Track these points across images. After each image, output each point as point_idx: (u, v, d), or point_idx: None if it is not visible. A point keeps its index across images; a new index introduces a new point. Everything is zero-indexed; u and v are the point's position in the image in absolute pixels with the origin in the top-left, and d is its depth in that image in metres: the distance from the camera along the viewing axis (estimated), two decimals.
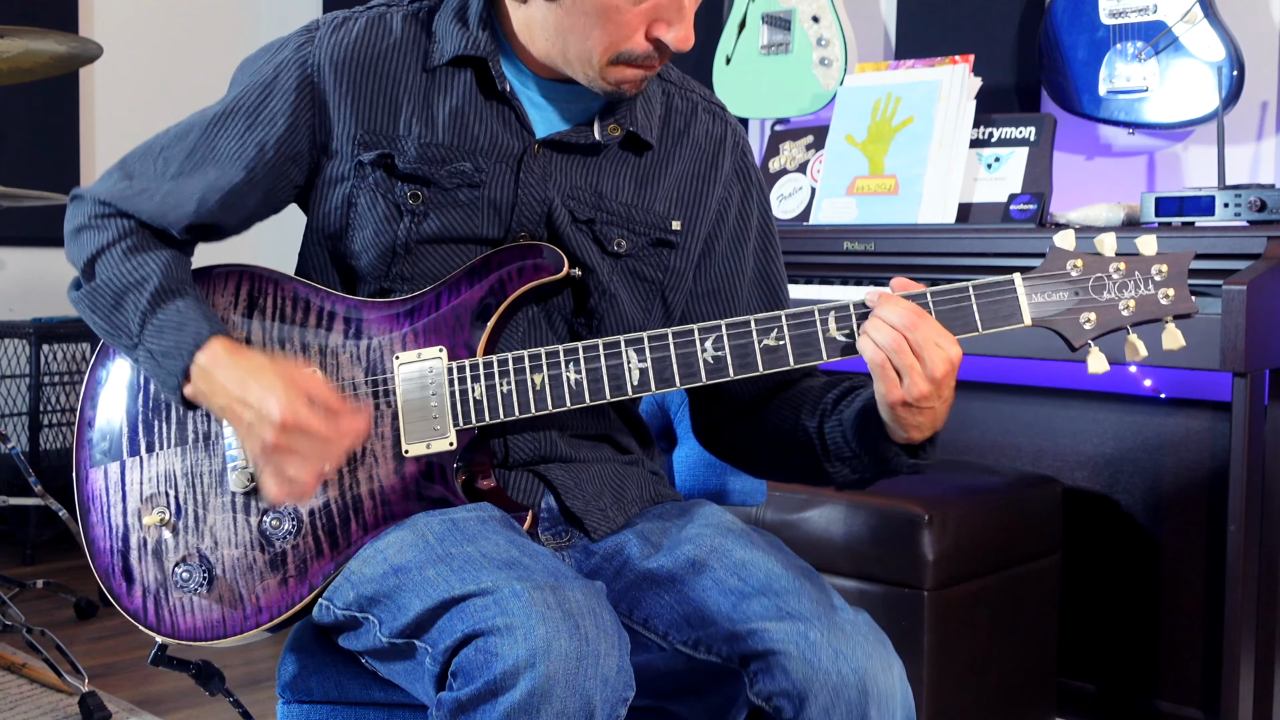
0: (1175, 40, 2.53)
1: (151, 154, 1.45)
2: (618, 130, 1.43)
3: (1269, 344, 2.12)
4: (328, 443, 1.29)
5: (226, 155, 1.42)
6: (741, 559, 1.33)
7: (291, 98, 1.40)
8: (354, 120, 1.40)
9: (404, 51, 1.42)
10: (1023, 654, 2.45)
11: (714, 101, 1.55)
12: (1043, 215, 2.51)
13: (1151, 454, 2.60)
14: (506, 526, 1.32)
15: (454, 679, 1.17)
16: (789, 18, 3.04)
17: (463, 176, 1.41)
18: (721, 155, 1.51)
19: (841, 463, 1.41)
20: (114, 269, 1.39)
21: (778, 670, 1.23)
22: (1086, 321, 1.30)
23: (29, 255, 4.22)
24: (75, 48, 2.94)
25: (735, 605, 1.28)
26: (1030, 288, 1.30)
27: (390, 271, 1.42)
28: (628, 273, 1.46)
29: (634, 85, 1.37)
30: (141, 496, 1.41)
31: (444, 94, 1.42)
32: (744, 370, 1.33)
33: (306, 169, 1.44)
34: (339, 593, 1.33)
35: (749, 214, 1.54)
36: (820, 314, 1.32)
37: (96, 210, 1.44)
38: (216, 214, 1.43)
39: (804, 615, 1.25)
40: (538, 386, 1.36)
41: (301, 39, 1.43)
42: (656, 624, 1.34)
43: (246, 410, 1.29)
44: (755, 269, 1.55)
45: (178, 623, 1.39)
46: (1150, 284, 1.30)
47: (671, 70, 1.54)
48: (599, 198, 1.44)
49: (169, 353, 1.34)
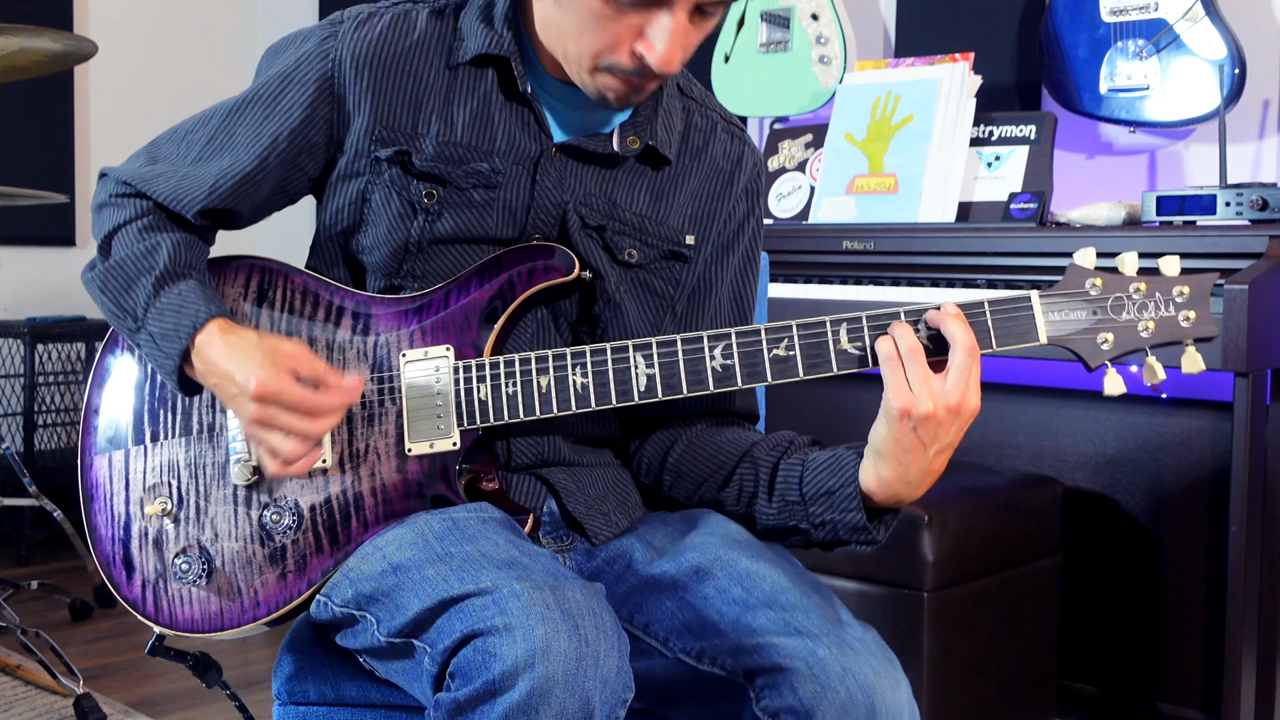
0: (1176, 38, 2.52)
1: (177, 138, 1.47)
2: (637, 143, 1.43)
3: (1270, 343, 2.11)
4: (310, 413, 1.29)
5: (243, 143, 1.43)
6: (747, 569, 1.31)
7: (310, 91, 1.41)
8: (373, 116, 1.41)
9: (427, 49, 1.42)
10: (1023, 655, 2.44)
11: (733, 121, 1.55)
12: (1043, 214, 2.50)
13: (1152, 454, 2.60)
14: (507, 527, 1.31)
15: (452, 679, 1.16)
16: (788, 15, 3.03)
17: (479, 177, 1.40)
18: (739, 174, 1.52)
19: (783, 505, 1.38)
20: (128, 248, 1.40)
21: (785, 687, 1.22)
22: (1104, 342, 1.27)
23: (24, 255, 4.21)
24: (70, 46, 2.92)
25: (740, 617, 1.27)
26: (1047, 305, 1.27)
27: (401, 269, 1.42)
28: (637, 284, 1.46)
29: (618, 97, 1.35)
30: (144, 486, 1.41)
31: (465, 93, 1.42)
32: (752, 380, 1.31)
33: (321, 161, 1.44)
34: (337, 590, 1.32)
35: (744, 230, 1.54)
36: (832, 325, 1.30)
37: (118, 189, 1.45)
38: (229, 200, 1.43)
39: (812, 631, 1.24)
40: (544, 389, 1.35)
41: (325, 32, 1.43)
42: (658, 630, 1.32)
43: (231, 385, 1.30)
44: (732, 286, 1.54)
45: (176, 614, 1.38)
46: (1171, 305, 1.27)
47: (694, 87, 1.53)
48: (612, 206, 1.44)
49: (168, 335, 1.34)
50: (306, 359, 1.31)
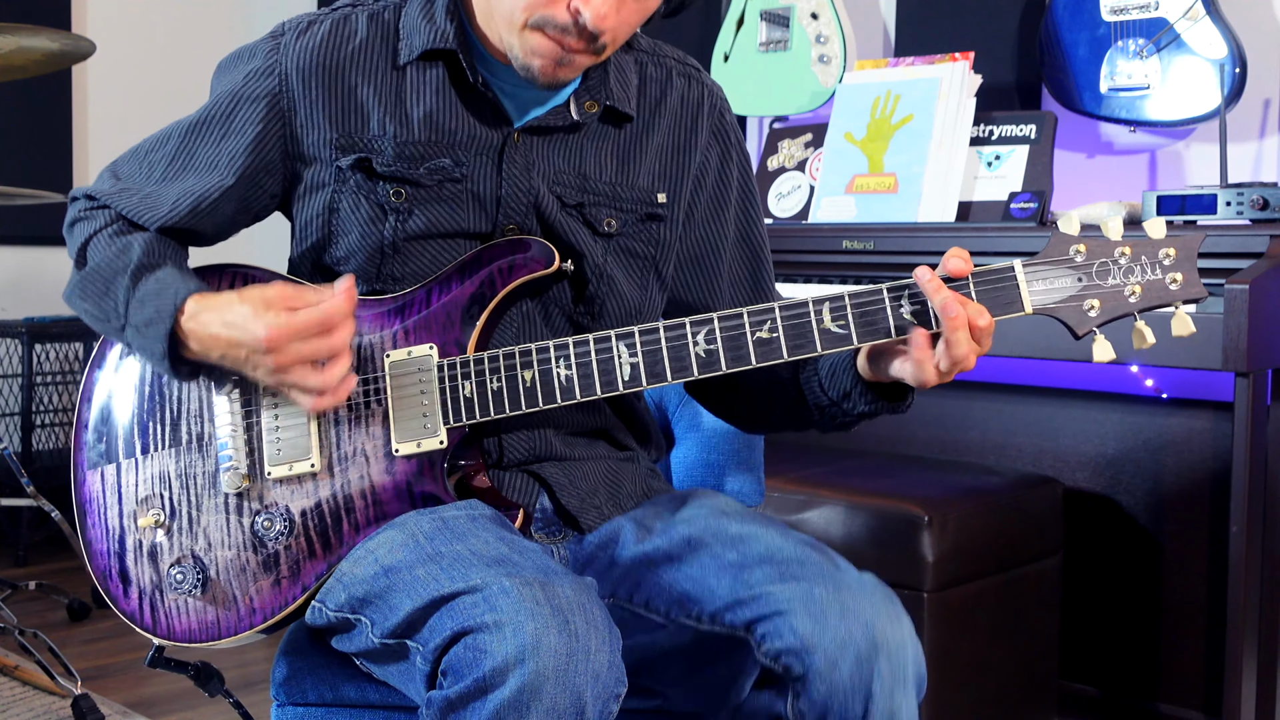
0: (1177, 37, 2.51)
1: (137, 158, 1.48)
2: (595, 106, 1.43)
3: (1271, 343, 2.10)
4: (326, 332, 1.29)
5: (201, 164, 1.44)
6: (739, 533, 1.32)
7: (261, 108, 1.42)
8: (328, 125, 1.41)
9: (371, 51, 1.42)
10: (1023, 656, 2.44)
11: (689, 63, 1.55)
12: (1043, 214, 2.50)
13: (1153, 454, 2.59)
14: (497, 524, 1.31)
15: (444, 677, 1.16)
16: (787, 15, 3.02)
17: (443, 172, 1.40)
18: (700, 119, 1.51)
19: (817, 410, 1.42)
20: (102, 251, 1.41)
21: (785, 629, 1.21)
22: (1090, 309, 1.26)
23: (21, 254, 4.20)
24: (68, 45, 2.91)
25: (737, 575, 1.27)
26: (1031, 274, 1.26)
27: (381, 272, 1.42)
28: (621, 251, 1.46)
29: (543, 65, 1.34)
30: (137, 499, 1.41)
31: (416, 91, 1.42)
32: (737, 364, 1.31)
33: (281, 178, 1.45)
34: (331, 594, 1.32)
35: (729, 176, 1.53)
36: (815, 305, 1.30)
37: (86, 205, 1.47)
38: (188, 220, 1.44)
39: (808, 576, 1.24)
40: (528, 383, 1.34)
41: (269, 46, 1.44)
42: (658, 604, 1.32)
43: (240, 349, 1.30)
44: (737, 231, 1.54)
45: (173, 624, 1.38)
46: (1158, 268, 1.25)
47: (640, 38, 1.52)
48: (584, 179, 1.44)
49: (151, 320, 1.34)
50: (292, 292, 1.31)
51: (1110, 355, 1.26)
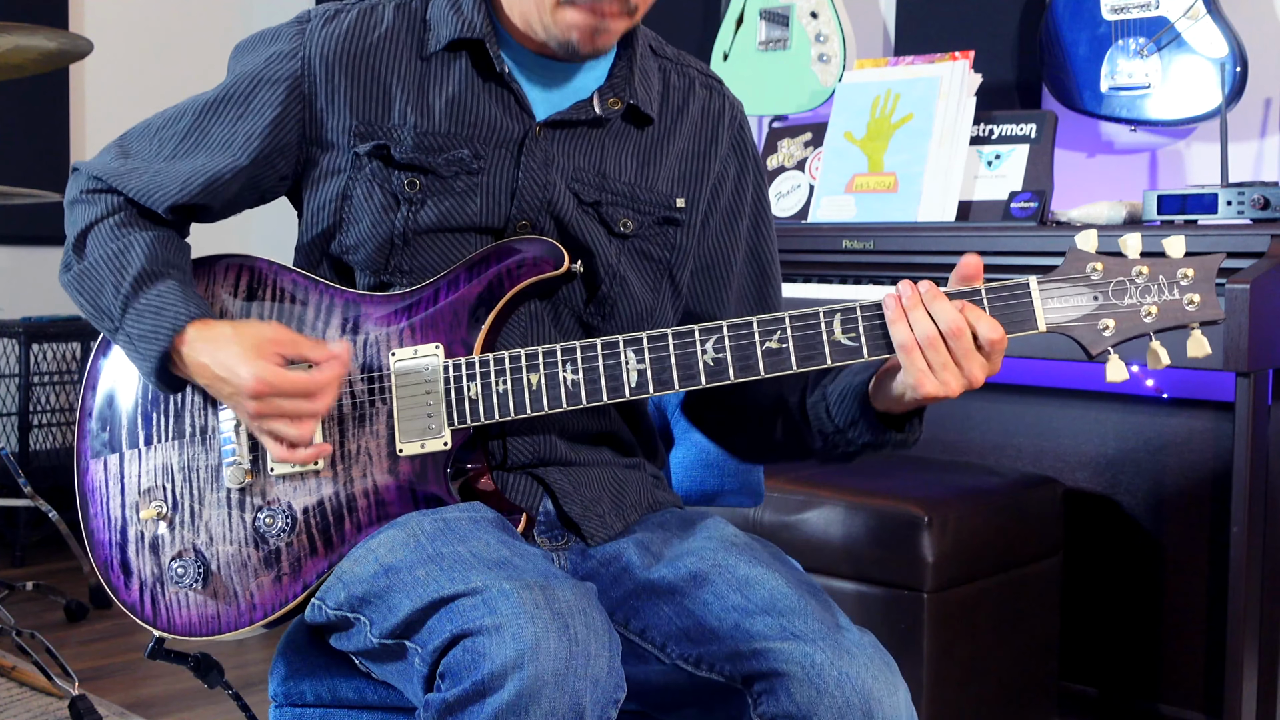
0: (1178, 36, 2.51)
1: (148, 134, 1.47)
2: (618, 104, 1.43)
3: (1272, 343, 2.10)
4: (309, 394, 1.30)
5: (215, 143, 1.43)
6: (745, 575, 1.30)
7: (281, 91, 1.41)
8: (349, 112, 1.41)
9: (396, 41, 1.42)
10: (1023, 656, 2.43)
11: (711, 76, 1.55)
12: (1044, 213, 2.49)
13: (1154, 454, 2.59)
14: (499, 527, 1.31)
15: (442, 680, 1.15)
16: (787, 13, 3.02)
17: (461, 164, 1.40)
18: (720, 130, 1.51)
19: (821, 437, 1.40)
20: (103, 247, 1.40)
21: (782, 692, 1.21)
22: (1105, 328, 1.24)
23: (19, 253, 4.19)
24: (65, 44, 2.91)
25: (738, 623, 1.26)
26: (1047, 292, 1.24)
27: (389, 265, 1.41)
28: (635, 253, 1.45)
29: (582, 35, 1.34)
30: (139, 490, 1.41)
31: (440, 81, 1.41)
32: (745, 374, 1.29)
33: (294, 162, 1.44)
34: (331, 593, 1.31)
35: (744, 189, 1.53)
36: (825, 316, 1.28)
37: (89, 184, 1.45)
38: (199, 198, 1.43)
39: (809, 636, 1.23)
40: (534, 386, 1.33)
41: (294, 30, 1.44)
42: (654, 635, 1.31)
43: (225, 386, 1.31)
44: (748, 246, 1.54)
45: (173, 617, 1.38)
46: (1175, 288, 1.23)
47: (667, 48, 1.53)
48: (603, 178, 1.43)
49: (145, 336, 1.34)
50: (289, 340, 1.32)
51: (1123, 375, 1.23)
